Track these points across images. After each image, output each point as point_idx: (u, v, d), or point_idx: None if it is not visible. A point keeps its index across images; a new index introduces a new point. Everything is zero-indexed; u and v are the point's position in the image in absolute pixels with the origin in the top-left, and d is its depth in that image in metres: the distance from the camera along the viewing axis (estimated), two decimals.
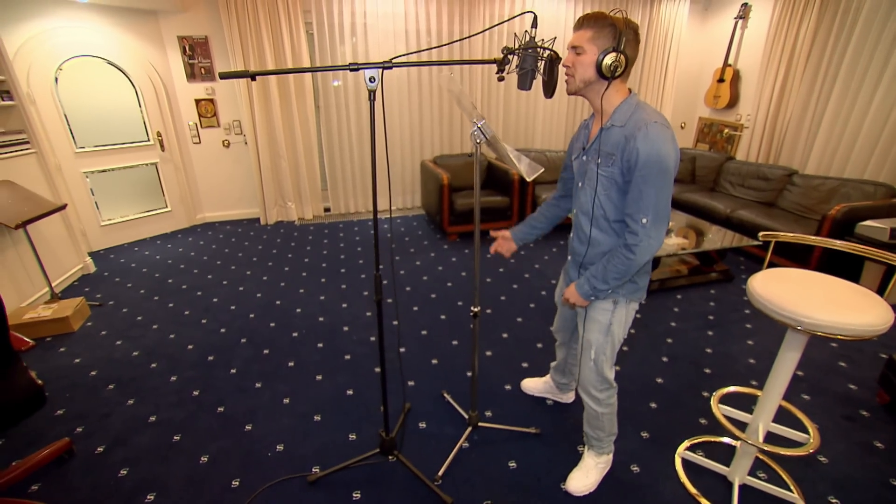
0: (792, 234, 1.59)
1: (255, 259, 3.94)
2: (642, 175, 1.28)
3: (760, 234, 1.66)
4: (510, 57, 1.30)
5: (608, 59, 1.26)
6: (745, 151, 4.86)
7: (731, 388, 1.86)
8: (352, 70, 1.25)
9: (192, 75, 4.29)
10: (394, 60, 1.27)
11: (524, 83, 1.33)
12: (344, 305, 3.16)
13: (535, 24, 1.28)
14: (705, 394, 2.25)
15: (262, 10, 4.04)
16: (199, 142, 4.56)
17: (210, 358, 2.59)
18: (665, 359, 2.54)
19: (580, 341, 1.66)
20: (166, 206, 4.55)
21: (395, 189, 5.18)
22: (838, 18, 4.01)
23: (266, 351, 2.66)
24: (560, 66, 1.34)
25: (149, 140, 4.26)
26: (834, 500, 1.70)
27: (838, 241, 1.55)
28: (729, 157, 4.64)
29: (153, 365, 2.52)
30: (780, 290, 1.41)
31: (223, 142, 4.61)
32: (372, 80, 1.27)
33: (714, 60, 5.22)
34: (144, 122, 4.20)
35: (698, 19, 5.34)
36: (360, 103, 4.69)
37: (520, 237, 1.84)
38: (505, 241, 1.85)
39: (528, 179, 1.30)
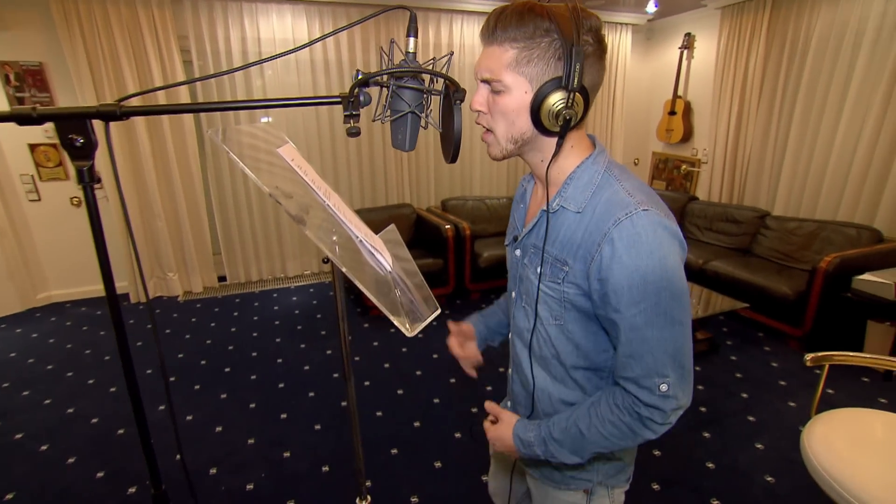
0: (853, 355, 1.10)
1: (109, 357, 3.09)
2: (641, 311, 0.72)
3: (808, 357, 1.16)
4: (367, 91, 0.74)
5: (554, 101, 0.71)
6: (705, 189, 4.66)
7: None
8: (22, 123, 0.63)
9: None
10: (123, 104, 0.67)
11: (399, 136, 0.77)
12: (218, 429, 2.40)
13: (412, 31, 0.74)
14: None
15: (118, 32, 3.38)
16: (39, 199, 3.71)
17: None
18: (656, 486, 1.98)
19: None
20: None
21: (309, 251, 4.50)
22: (787, 48, 3.94)
23: None
24: (471, 111, 0.79)
25: None
26: None
27: None
28: (692, 198, 4.39)
29: None
30: (872, 469, 0.89)
31: (72, 199, 3.78)
32: (76, 141, 0.66)
33: (663, 92, 5.10)
34: None
35: (642, 49, 5.25)
36: None
37: (482, 338, 1.15)
38: (464, 338, 1.13)
39: (407, 334, 0.73)
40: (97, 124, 0.72)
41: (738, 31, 4.21)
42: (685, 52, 4.74)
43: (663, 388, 0.74)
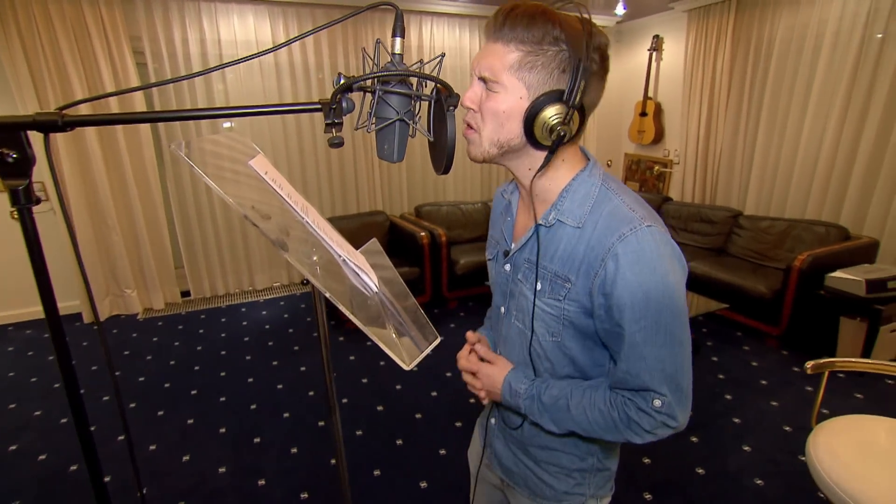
0: (854, 361, 1.09)
1: (58, 385, 2.88)
2: (641, 328, 0.70)
3: (809, 364, 1.16)
4: (350, 97, 0.67)
5: (550, 115, 0.68)
6: (678, 190, 4.75)
7: None
8: None
9: None
10: (67, 112, 0.58)
11: (386, 146, 0.71)
12: (185, 459, 2.26)
13: (398, 31, 0.67)
14: None
15: (62, 32, 3.16)
16: None
17: None
18: (648, 496, 1.96)
19: None
20: None
21: (279, 262, 4.35)
22: (752, 50, 4.07)
23: None
24: (460, 107, 0.74)
25: None
26: None
27: None
28: (666, 198, 4.47)
29: None
30: (881, 479, 0.87)
31: (12, 213, 3.51)
32: (7, 157, 0.57)
33: (634, 93, 5.19)
34: None
35: (612, 51, 5.26)
36: None
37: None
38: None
39: (404, 367, 0.67)
40: (35, 136, 0.64)
41: (704, 33, 4.31)
42: (654, 53, 4.84)
43: (657, 403, 0.74)
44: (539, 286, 0.78)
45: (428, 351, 0.68)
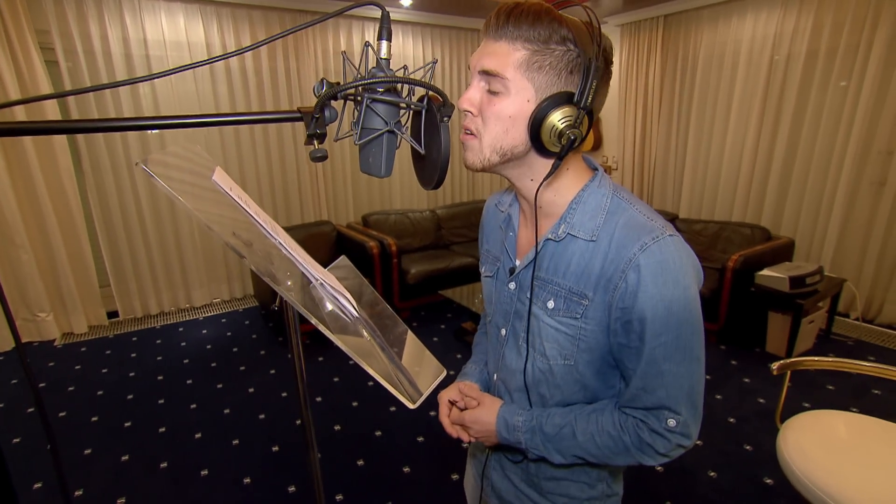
0: (817, 359, 1.15)
1: None
2: (661, 343, 0.67)
3: (774, 366, 1.20)
4: (333, 105, 0.60)
5: (557, 119, 0.63)
6: None
7: None
8: None
9: None
10: None
11: (372, 160, 0.64)
12: (120, 501, 2.02)
13: (384, 34, 0.61)
14: None
15: None
16: None
17: None
18: None
19: None
20: None
21: (218, 276, 4.06)
22: (679, 63, 4.34)
23: None
24: (459, 110, 0.69)
25: None
26: None
27: (866, 364, 1.14)
28: None
29: None
30: (845, 470, 0.91)
31: None
32: None
33: None
34: None
35: None
36: None
37: (487, 388, 0.96)
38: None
39: (411, 406, 0.60)
40: None
41: (636, 46, 4.54)
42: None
43: (671, 423, 0.71)
44: (552, 304, 0.73)
45: (434, 386, 0.61)
